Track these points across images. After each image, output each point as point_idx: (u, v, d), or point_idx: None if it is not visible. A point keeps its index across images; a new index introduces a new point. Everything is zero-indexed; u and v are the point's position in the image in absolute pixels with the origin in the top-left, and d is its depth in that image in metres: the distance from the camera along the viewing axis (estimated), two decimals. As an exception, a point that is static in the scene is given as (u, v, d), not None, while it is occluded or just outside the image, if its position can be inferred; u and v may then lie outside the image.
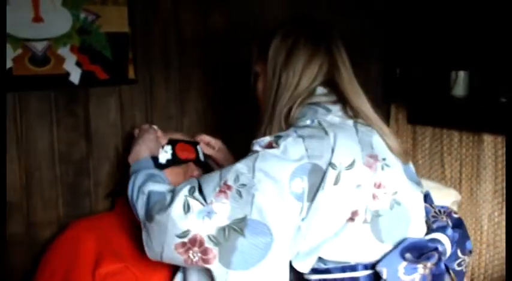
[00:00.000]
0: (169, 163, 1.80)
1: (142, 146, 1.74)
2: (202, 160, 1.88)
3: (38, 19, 1.80)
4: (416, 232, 1.51)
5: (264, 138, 1.48)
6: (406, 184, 1.51)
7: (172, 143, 1.83)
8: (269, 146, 1.46)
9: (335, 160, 1.41)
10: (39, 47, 1.81)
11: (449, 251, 1.50)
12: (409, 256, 1.43)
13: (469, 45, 2.14)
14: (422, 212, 1.55)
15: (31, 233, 1.89)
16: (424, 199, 1.59)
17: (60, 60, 1.85)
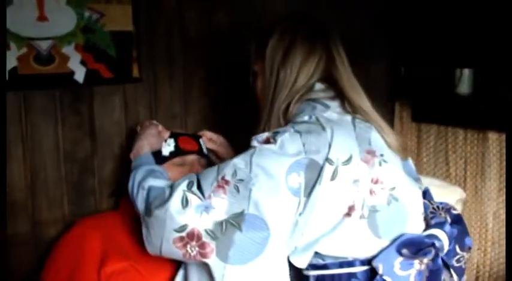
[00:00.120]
0: (173, 155, 1.80)
1: (143, 142, 1.75)
2: (206, 152, 1.89)
3: (42, 18, 1.80)
4: (414, 228, 1.51)
5: (262, 134, 1.49)
6: (404, 180, 1.52)
7: (175, 136, 1.85)
8: (266, 142, 1.47)
9: (332, 155, 1.42)
10: (44, 45, 1.82)
11: (446, 247, 1.50)
12: (406, 251, 1.43)
13: (474, 43, 2.14)
14: (421, 209, 1.55)
15: (36, 232, 1.89)
16: (423, 195, 1.60)
17: (64, 59, 1.85)
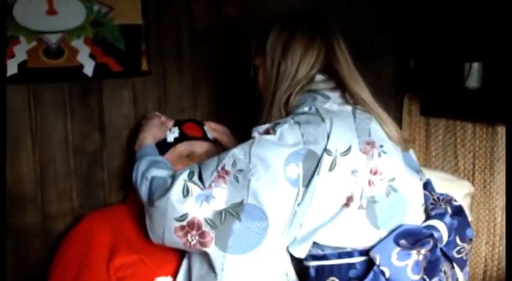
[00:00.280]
0: (177, 141, 1.83)
1: (146, 133, 1.79)
2: (211, 138, 1.89)
3: (52, 12, 1.81)
4: (413, 219, 1.52)
5: (263, 126, 1.51)
6: (404, 171, 1.52)
7: (179, 123, 1.87)
8: (266, 133, 1.49)
9: (330, 146, 1.43)
10: (53, 39, 1.82)
11: (445, 238, 1.51)
12: (404, 242, 1.44)
13: (483, 36, 2.12)
14: (420, 200, 1.56)
15: (46, 225, 1.90)
16: (424, 187, 1.60)
17: (74, 52, 1.86)
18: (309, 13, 1.66)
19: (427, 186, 1.63)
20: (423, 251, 1.43)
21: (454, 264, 1.58)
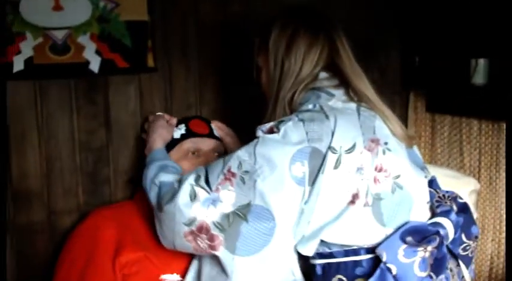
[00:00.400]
0: (184, 138, 1.83)
1: (154, 136, 1.78)
2: (217, 135, 1.89)
3: (58, 7, 1.81)
4: (418, 216, 1.51)
5: (267, 124, 1.51)
6: (409, 168, 1.52)
7: (185, 120, 1.88)
8: (270, 131, 1.48)
9: (335, 143, 1.43)
10: (60, 35, 1.82)
11: (451, 235, 1.51)
12: (410, 239, 1.43)
13: (490, 32, 2.12)
14: (426, 197, 1.55)
15: (52, 221, 1.91)
16: (429, 184, 1.59)
17: (80, 48, 1.86)
18: (309, 9, 1.65)
19: (432, 183, 1.62)
20: (430, 248, 1.43)
21: (460, 261, 1.58)
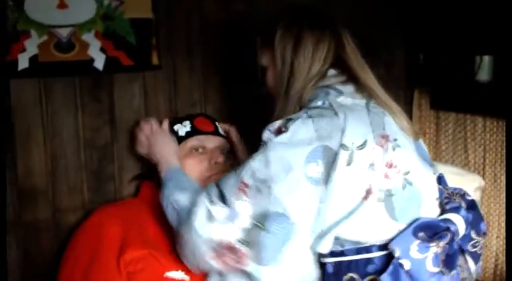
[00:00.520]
0: (189, 135, 1.84)
1: (164, 151, 1.78)
2: (222, 133, 1.89)
3: (62, 5, 1.81)
4: (428, 212, 1.51)
5: (274, 123, 1.50)
6: (418, 164, 1.52)
7: (190, 117, 1.87)
8: (278, 131, 1.48)
9: (346, 140, 1.42)
10: (64, 33, 1.82)
11: (462, 231, 1.51)
12: (423, 234, 1.44)
13: (494, 29, 2.11)
14: (435, 193, 1.56)
15: (56, 218, 1.91)
16: (438, 181, 1.60)
17: (84, 46, 1.86)
18: (311, 8, 1.65)
19: (440, 180, 1.63)
20: (441, 244, 1.43)
21: (469, 258, 1.58)
